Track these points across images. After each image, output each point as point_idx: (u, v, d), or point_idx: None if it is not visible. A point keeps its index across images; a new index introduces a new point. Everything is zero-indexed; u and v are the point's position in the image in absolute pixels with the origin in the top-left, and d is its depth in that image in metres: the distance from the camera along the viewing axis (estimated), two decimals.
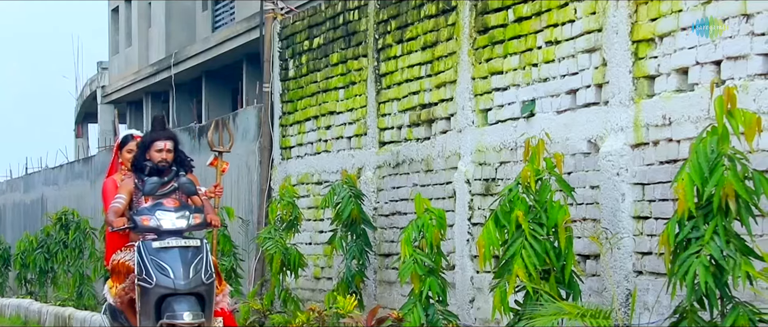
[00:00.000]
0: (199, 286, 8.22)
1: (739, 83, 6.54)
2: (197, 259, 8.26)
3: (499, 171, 9.09)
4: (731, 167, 5.89)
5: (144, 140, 8.88)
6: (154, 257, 8.20)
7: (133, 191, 8.72)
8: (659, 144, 7.31)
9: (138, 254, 8.26)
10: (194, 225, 8.46)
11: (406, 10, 10.57)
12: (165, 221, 8.34)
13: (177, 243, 8.26)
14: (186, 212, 8.42)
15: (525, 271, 7.04)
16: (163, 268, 8.17)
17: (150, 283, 8.18)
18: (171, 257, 8.21)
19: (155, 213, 8.36)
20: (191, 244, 8.31)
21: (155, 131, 8.84)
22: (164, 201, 8.46)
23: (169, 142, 8.78)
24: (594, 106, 7.98)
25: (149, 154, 8.75)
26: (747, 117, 5.92)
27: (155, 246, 8.25)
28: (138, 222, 8.35)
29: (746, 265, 5.88)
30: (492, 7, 9.18)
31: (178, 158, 8.83)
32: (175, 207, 8.41)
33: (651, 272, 7.39)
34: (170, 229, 8.33)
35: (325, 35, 12.33)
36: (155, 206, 8.42)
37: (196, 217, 8.46)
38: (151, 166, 8.70)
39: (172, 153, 8.78)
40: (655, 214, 7.37)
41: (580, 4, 8.08)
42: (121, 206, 8.61)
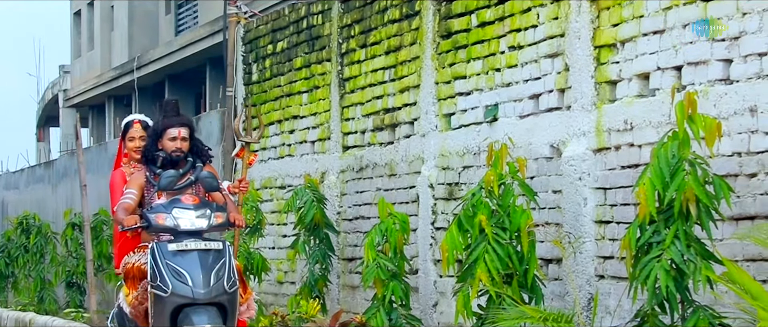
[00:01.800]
0: (221, 295, 7.08)
1: (700, 88, 6.59)
2: (219, 264, 7.13)
3: (462, 175, 9.11)
4: (692, 172, 5.94)
5: (155, 128, 7.76)
6: (169, 261, 7.09)
7: (145, 185, 7.65)
8: (621, 149, 7.36)
9: (151, 258, 7.16)
10: (216, 225, 7.32)
11: (370, 15, 10.58)
12: (183, 220, 7.22)
13: (196, 245, 7.16)
14: (207, 210, 7.29)
15: (488, 275, 7.06)
16: (180, 274, 7.05)
17: (165, 292, 7.04)
18: (189, 262, 7.09)
19: (172, 211, 7.24)
20: (212, 246, 7.20)
21: (168, 117, 7.71)
22: (182, 197, 7.34)
23: (183, 129, 7.66)
24: (556, 110, 8.01)
25: (161, 142, 7.65)
26: (707, 122, 5.97)
27: (171, 248, 7.12)
28: (152, 220, 7.23)
29: (706, 269, 5.93)
30: (455, 11, 9.21)
31: (194, 147, 7.76)
32: (194, 204, 7.27)
33: (613, 276, 7.43)
34: (189, 229, 7.21)
35: (289, 39, 12.32)
36: (172, 203, 7.29)
37: (218, 216, 7.32)
38: (165, 157, 7.62)
39: (187, 141, 7.67)
40: (616, 219, 7.41)
41: (542, 10, 8.12)
42: (132, 202, 7.54)
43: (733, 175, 6.44)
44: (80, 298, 17.04)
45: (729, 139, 6.43)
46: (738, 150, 6.44)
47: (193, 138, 7.74)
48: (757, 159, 6.32)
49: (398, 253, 8.53)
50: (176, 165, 7.62)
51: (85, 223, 14.39)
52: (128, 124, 8.08)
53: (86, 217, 14.39)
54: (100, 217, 16.38)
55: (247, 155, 8.71)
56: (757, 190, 6.31)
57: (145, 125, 7.93)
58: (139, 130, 7.95)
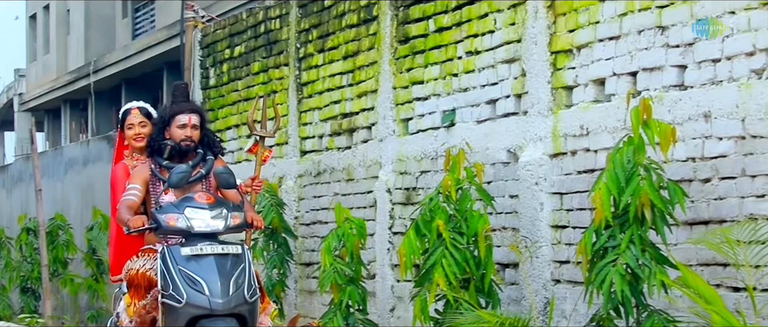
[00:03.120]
0: (241, 305, 6.27)
1: (655, 94, 6.65)
2: (238, 271, 6.33)
3: (419, 180, 9.13)
4: (647, 177, 5.98)
5: (162, 114, 6.92)
6: (183, 268, 6.27)
7: (150, 180, 6.80)
8: (577, 154, 7.40)
9: (162, 263, 6.34)
10: (233, 226, 6.51)
11: (328, 20, 10.59)
12: (197, 221, 6.40)
13: (213, 249, 6.33)
14: (223, 210, 6.47)
15: (445, 279, 7.09)
16: (195, 282, 6.24)
17: (179, 302, 6.22)
18: (205, 268, 6.28)
19: (184, 210, 6.42)
20: (230, 250, 6.36)
21: (176, 102, 6.92)
22: (195, 195, 6.53)
23: (194, 116, 6.81)
24: (513, 116, 8.05)
25: (169, 131, 6.80)
26: (662, 127, 6.03)
27: (185, 253, 6.32)
28: (162, 221, 6.39)
29: (661, 274, 5.98)
30: (413, 17, 9.23)
31: (204, 138, 6.90)
32: (208, 203, 6.46)
33: (569, 281, 7.47)
34: (203, 231, 6.40)
35: (247, 44, 12.30)
36: (183, 201, 6.47)
37: (235, 216, 6.50)
38: (173, 147, 6.77)
39: (198, 130, 6.82)
40: (572, 223, 7.45)
41: (499, 15, 8.16)
42: (136, 199, 6.69)
43: (687, 180, 6.50)
44: (35, 303, 16.91)
45: (683, 145, 6.49)
46: (692, 155, 6.49)
47: (204, 127, 6.93)
48: (710, 164, 6.38)
49: (355, 258, 8.53)
50: (185, 156, 6.82)
51: (40, 227, 14.29)
52: (126, 112, 7.28)
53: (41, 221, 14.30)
54: (56, 222, 16.28)
55: (261, 151, 7.83)
56: (711, 195, 6.37)
57: (144, 112, 7.20)
58: (137, 115, 7.16)
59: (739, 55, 6.19)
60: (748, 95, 6.10)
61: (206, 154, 6.87)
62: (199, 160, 6.81)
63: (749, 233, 5.87)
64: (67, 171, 19.71)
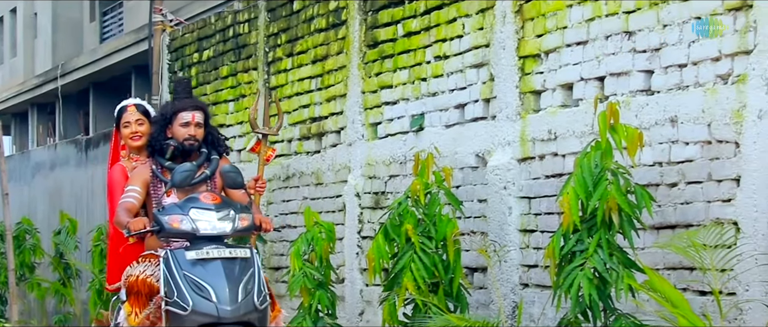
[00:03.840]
0: (251, 312, 5.92)
1: (622, 99, 6.68)
2: (247, 276, 5.97)
3: (388, 184, 9.14)
4: (614, 181, 6.01)
5: (164, 112, 6.55)
6: (188, 273, 5.90)
7: (151, 181, 6.43)
8: (545, 158, 7.43)
9: (165, 269, 5.96)
10: (241, 229, 6.13)
11: (297, 24, 10.58)
12: (203, 223, 6.01)
13: (220, 253, 5.97)
14: (230, 211, 6.09)
15: (414, 284, 7.09)
16: (201, 289, 5.86)
17: (184, 309, 5.85)
18: (212, 273, 5.90)
19: (189, 212, 6.03)
20: (238, 254, 6.01)
21: (179, 98, 6.58)
22: (200, 195, 6.15)
23: (198, 113, 6.49)
24: (482, 120, 8.07)
25: (171, 129, 6.46)
26: (629, 132, 6.06)
27: (190, 257, 5.94)
28: (165, 224, 6.00)
29: (628, 278, 6.01)
30: (381, 21, 9.24)
31: (208, 136, 6.58)
32: (215, 204, 6.07)
33: (537, 285, 7.49)
34: (209, 233, 6.02)
35: (215, 48, 12.28)
36: (188, 202, 6.09)
37: (243, 218, 6.12)
38: (176, 146, 6.42)
39: (202, 128, 6.50)
40: (541, 228, 7.48)
41: (468, 20, 8.18)
42: (135, 202, 6.31)
43: (654, 184, 6.54)
44: (2, 307, 16.79)
45: (650, 149, 6.53)
46: (659, 160, 6.53)
47: (208, 125, 6.58)
48: (677, 169, 6.42)
49: (324, 262, 8.53)
50: (189, 156, 6.46)
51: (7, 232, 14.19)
52: (122, 109, 6.85)
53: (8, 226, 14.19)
54: (23, 226, 16.17)
55: (264, 149, 7.43)
56: (678, 199, 6.41)
57: (141, 109, 6.83)
58: (133, 113, 6.76)
59: (705, 61, 6.24)
60: (714, 100, 6.15)
61: (211, 153, 6.56)
62: (203, 159, 6.50)
63: (715, 237, 5.91)
64: (34, 175, 19.60)
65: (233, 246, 6.07)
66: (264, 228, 6.26)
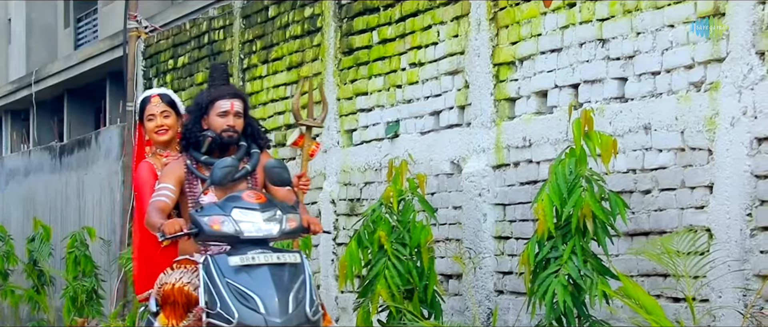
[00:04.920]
0: (303, 324, 5.31)
1: (596, 106, 6.71)
2: (298, 284, 5.33)
3: (364, 191, 9.14)
4: (589, 188, 6.03)
5: (199, 101, 5.87)
6: (232, 281, 5.26)
7: (186, 178, 5.77)
8: (520, 165, 7.45)
9: (205, 276, 5.33)
10: (289, 231, 5.49)
11: (272, 31, 10.58)
12: (246, 224, 5.39)
13: (267, 259, 5.33)
14: (276, 211, 5.45)
15: (388, 291, 7.09)
16: (247, 298, 5.23)
17: (229, 322, 5.23)
18: (259, 281, 5.26)
19: (231, 212, 5.40)
20: (287, 259, 5.36)
21: (215, 86, 5.89)
22: (243, 194, 5.51)
23: (237, 101, 5.82)
24: (457, 127, 8.09)
25: (207, 120, 5.79)
26: (603, 139, 6.08)
27: (234, 263, 5.30)
28: (204, 225, 5.37)
29: (603, 285, 6.03)
30: (357, 28, 9.25)
31: (248, 128, 5.90)
32: (259, 203, 5.45)
33: (512, 291, 7.51)
34: (254, 236, 5.39)
35: (190, 54, 12.26)
36: (229, 201, 5.45)
37: (291, 219, 5.48)
38: (214, 138, 5.75)
39: (241, 119, 5.82)
40: (515, 235, 7.49)
41: (443, 27, 8.19)
42: (168, 201, 5.65)
43: (628, 191, 6.56)
44: None
45: (624, 156, 6.55)
46: (633, 167, 6.56)
47: (248, 115, 5.91)
48: (651, 176, 6.45)
49: None
50: (227, 149, 5.80)
51: None
52: (145, 101, 6.22)
53: None
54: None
55: (307, 143, 6.68)
56: (651, 206, 6.44)
57: (167, 99, 6.20)
58: (158, 104, 6.14)
59: (678, 68, 6.27)
60: (687, 108, 6.18)
61: (250, 146, 5.89)
62: (242, 153, 5.83)
63: (688, 244, 5.93)
64: (8, 182, 19.50)
65: (281, 250, 5.46)
66: (313, 230, 5.61)
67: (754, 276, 5.82)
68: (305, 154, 6.68)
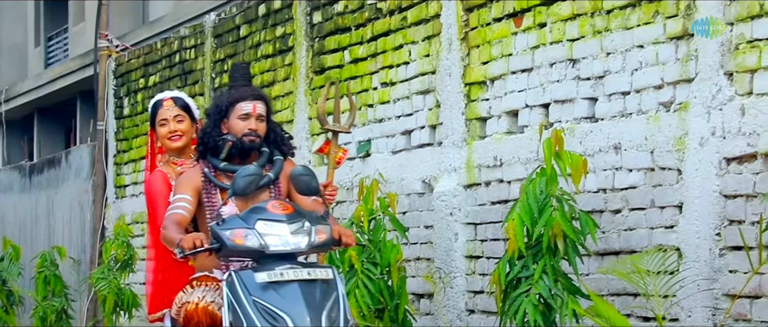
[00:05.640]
0: None
1: (566, 126, 6.73)
2: (330, 302, 4.90)
3: (335, 210, 9.13)
4: (559, 208, 6.05)
5: (218, 102, 5.39)
6: (259, 299, 4.83)
7: (203, 188, 5.31)
8: (491, 184, 7.46)
9: (229, 294, 4.89)
10: (318, 244, 5.04)
11: (243, 50, 10.57)
12: (272, 238, 4.95)
13: (296, 274, 4.88)
14: (304, 223, 5.02)
15: (358, 310, 7.08)
16: (276, 318, 4.82)
17: None
18: (289, 299, 4.83)
19: (255, 224, 4.96)
20: (319, 275, 4.92)
21: (236, 87, 5.42)
22: (268, 204, 5.06)
23: (259, 103, 5.36)
24: (428, 146, 8.10)
25: (227, 123, 5.33)
26: (574, 159, 6.10)
27: (261, 280, 4.85)
28: (226, 239, 4.92)
29: (573, 303, 6.04)
30: (328, 47, 9.26)
31: (270, 133, 5.45)
32: (286, 214, 5.00)
33: (483, 311, 7.51)
34: (281, 250, 4.96)
35: (161, 73, 12.23)
36: (253, 213, 5.01)
37: (320, 231, 5.05)
38: (235, 143, 5.30)
39: (264, 122, 5.38)
40: (487, 254, 7.50)
41: (414, 47, 8.21)
42: (186, 214, 5.21)
43: (598, 210, 6.58)
44: None
45: (594, 176, 6.58)
46: (603, 186, 6.58)
47: (270, 119, 5.46)
48: (621, 195, 6.47)
49: None
50: (248, 156, 5.35)
51: None
52: (157, 105, 5.76)
53: None
54: None
55: (334, 150, 6.20)
56: (622, 225, 6.46)
57: (180, 103, 5.75)
58: (171, 108, 5.71)
59: (648, 88, 6.30)
60: (657, 128, 6.21)
61: (273, 153, 5.45)
62: (264, 160, 5.37)
63: (658, 263, 5.95)
64: None
65: (311, 265, 5.00)
66: (344, 242, 5.15)
67: (723, 295, 5.85)
68: (331, 161, 6.24)
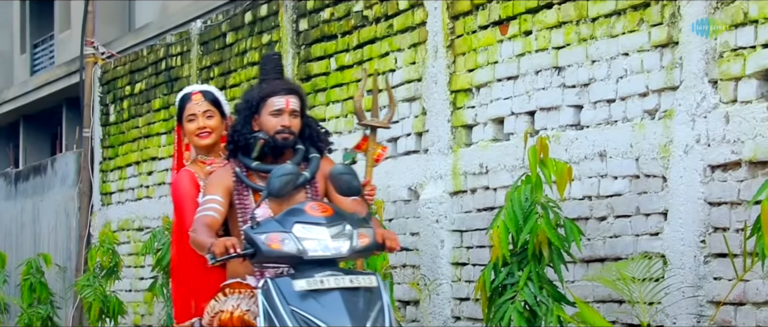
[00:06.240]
0: None
1: (552, 133, 6.75)
2: (375, 312, 4.54)
3: None
4: (544, 215, 6.06)
5: (249, 97, 5.06)
6: (297, 308, 4.46)
7: (234, 188, 4.97)
8: (477, 192, 7.48)
9: (265, 303, 4.52)
10: (361, 249, 4.69)
11: (230, 57, 10.57)
12: (311, 242, 4.59)
13: (338, 282, 4.51)
14: (345, 226, 4.65)
15: None
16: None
17: None
18: (330, 308, 4.45)
19: (293, 228, 4.60)
20: (362, 283, 4.56)
21: (268, 80, 5.08)
22: (305, 206, 4.70)
23: (293, 98, 5.04)
24: (414, 154, 8.11)
25: (258, 119, 5.00)
26: (559, 166, 6.11)
27: (300, 288, 4.48)
28: (262, 245, 4.57)
29: (558, 310, 6.06)
30: (315, 55, 9.27)
31: (305, 129, 5.12)
32: (325, 216, 4.64)
33: (469, 317, 7.52)
34: (321, 256, 4.59)
35: (147, 80, 12.22)
36: (290, 215, 4.65)
37: (362, 235, 4.69)
38: (267, 141, 4.96)
39: (298, 118, 5.05)
40: (473, 261, 7.51)
41: (400, 54, 8.23)
42: (217, 216, 4.87)
43: (584, 218, 6.60)
44: None
45: (580, 183, 6.60)
46: (588, 193, 6.60)
47: (305, 114, 5.13)
48: (606, 202, 6.49)
49: None
50: (281, 154, 5.00)
51: None
52: (185, 98, 5.36)
53: None
54: None
55: (372, 147, 5.87)
56: (607, 232, 6.48)
57: (210, 97, 5.36)
58: (200, 102, 5.31)
59: (633, 96, 6.33)
60: (642, 135, 6.23)
61: (309, 150, 5.11)
62: (300, 158, 5.03)
63: (643, 270, 5.97)
64: None
65: (354, 272, 4.68)
66: (388, 246, 4.78)
67: (708, 302, 5.87)
68: (370, 158, 5.90)
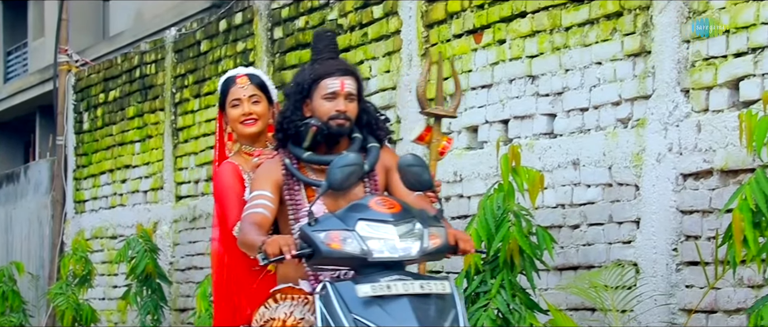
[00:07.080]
0: None
1: (526, 142, 6.77)
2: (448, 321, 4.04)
3: None
4: (516, 223, 6.08)
5: (300, 80, 4.47)
6: (360, 317, 3.97)
7: (284, 182, 4.41)
8: (451, 200, 7.49)
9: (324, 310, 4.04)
10: (432, 250, 4.16)
11: (204, 65, 10.56)
12: (376, 242, 4.07)
13: (407, 288, 4.01)
14: (415, 224, 4.14)
15: None
16: None
17: None
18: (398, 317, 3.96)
19: (356, 226, 4.08)
20: (433, 289, 4.05)
21: (321, 61, 4.47)
22: (370, 201, 4.15)
23: (348, 79, 4.43)
24: None
25: (310, 105, 4.43)
26: (531, 175, 6.13)
27: (364, 293, 3.99)
28: (321, 244, 4.05)
29: (531, 318, 6.07)
30: (289, 63, 9.27)
31: (363, 115, 4.51)
32: (392, 213, 4.11)
33: None
34: (387, 258, 4.08)
35: (122, 88, 12.20)
36: (352, 211, 4.12)
37: (434, 235, 4.18)
38: (320, 128, 4.38)
39: (355, 102, 4.45)
40: (446, 269, 7.51)
41: (374, 63, 8.24)
42: (267, 213, 4.34)
43: (557, 226, 6.62)
44: None
45: (553, 191, 6.62)
46: (562, 202, 6.63)
47: (362, 98, 4.52)
48: (579, 210, 6.52)
49: None
50: (336, 143, 4.43)
51: None
52: (228, 82, 4.78)
53: None
54: None
55: (436, 138, 5.34)
56: (580, 240, 6.51)
57: (256, 81, 4.79)
58: (246, 86, 4.76)
59: (606, 105, 6.36)
60: (615, 144, 6.26)
61: (367, 139, 4.51)
62: (356, 148, 4.44)
63: (616, 278, 6.00)
64: None
65: (425, 277, 4.12)
66: (462, 248, 4.25)
67: (680, 310, 5.90)
68: (434, 151, 5.40)
